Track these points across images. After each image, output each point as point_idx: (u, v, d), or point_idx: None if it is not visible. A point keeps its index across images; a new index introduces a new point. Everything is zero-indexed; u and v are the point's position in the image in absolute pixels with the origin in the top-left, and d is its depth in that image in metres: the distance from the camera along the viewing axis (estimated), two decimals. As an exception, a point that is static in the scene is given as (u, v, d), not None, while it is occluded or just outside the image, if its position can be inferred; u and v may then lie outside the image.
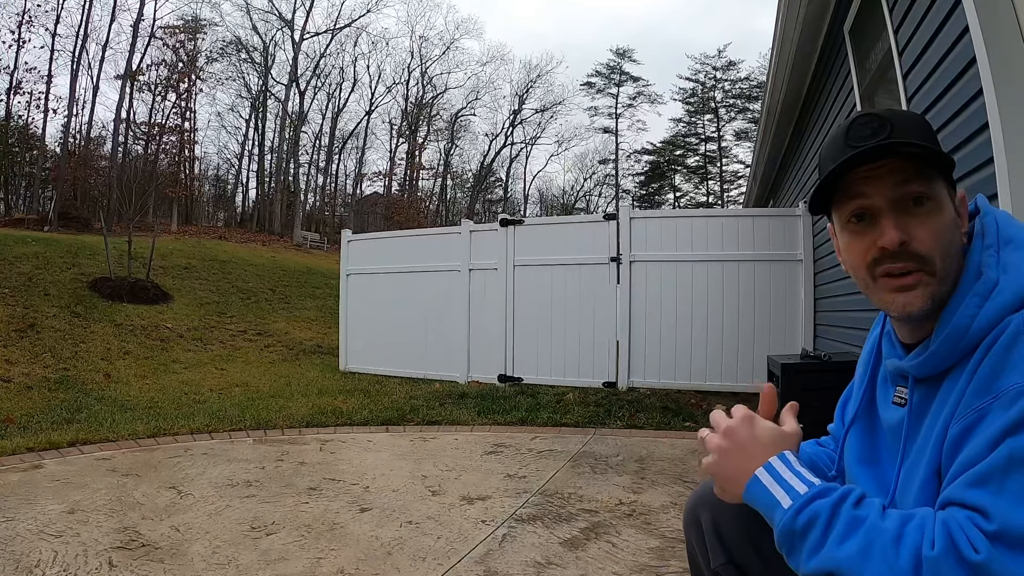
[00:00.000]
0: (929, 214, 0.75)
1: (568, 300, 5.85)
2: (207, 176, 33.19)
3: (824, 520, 0.69)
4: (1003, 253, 0.74)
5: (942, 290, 0.75)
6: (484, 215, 39.22)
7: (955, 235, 0.76)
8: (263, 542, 2.31)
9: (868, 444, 0.89)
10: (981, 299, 0.71)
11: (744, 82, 35.61)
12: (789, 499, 0.72)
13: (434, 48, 44.30)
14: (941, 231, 0.75)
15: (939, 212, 0.75)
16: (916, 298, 0.75)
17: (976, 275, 0.73)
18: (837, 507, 0.70)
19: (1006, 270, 0.72)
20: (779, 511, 0.73)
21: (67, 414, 4.59)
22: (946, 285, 0.75)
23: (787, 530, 0.72)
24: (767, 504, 0.75)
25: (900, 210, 0.75)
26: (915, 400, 0.79)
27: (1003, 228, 0.76)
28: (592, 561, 2.15)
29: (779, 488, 0.74)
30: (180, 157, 27.83)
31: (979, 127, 1.85)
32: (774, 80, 5.09)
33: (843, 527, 0.68)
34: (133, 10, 25.69)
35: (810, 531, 0.70)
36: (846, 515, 0.69)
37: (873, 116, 0.78)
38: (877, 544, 0.65)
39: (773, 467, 0.77)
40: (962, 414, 0.68)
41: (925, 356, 0.76)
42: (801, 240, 5.24)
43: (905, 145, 0.74)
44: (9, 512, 2.53)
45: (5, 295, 8.06)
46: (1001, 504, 0.61)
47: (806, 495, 0.72)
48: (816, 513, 0.70)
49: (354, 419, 4.67)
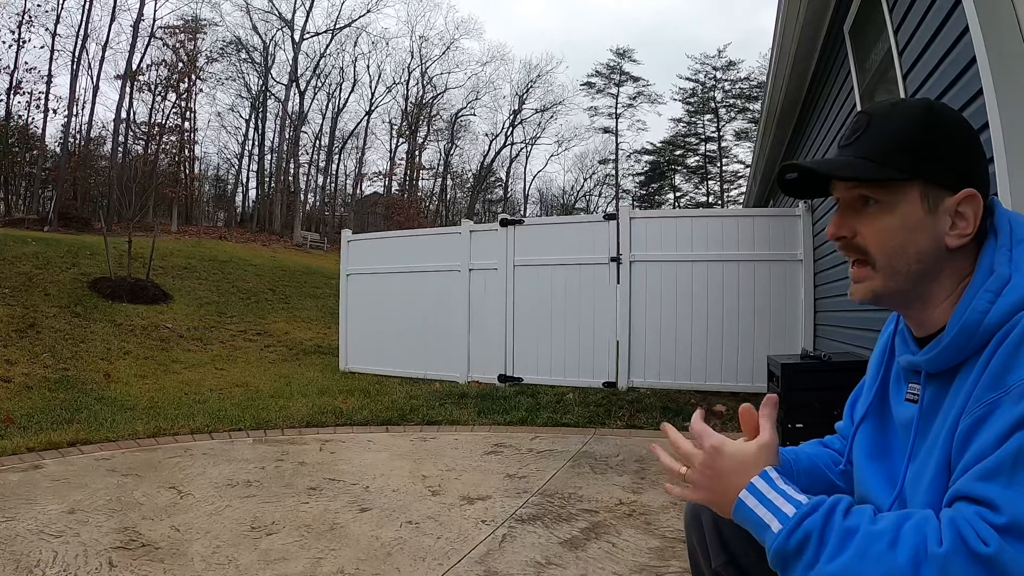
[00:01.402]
0: (876, 215, 0.79)
1: (568, 300, 5.85)
2: (207, 176, 33.18)
3: (816, 537, 0.69)
4: (1016, 252, 0.75)
5: (890, 286, 0.80)
6: (484, 215, 39.22)
7: (914, 237, 0.77)
8: (263, 542, 2.31)
9: (879, 440, 0.90)
10: (994, 295, 0.72)
11: (744, 82, 35.65)
12: (778, 522, 0.73)
13: (434, 48, 44.41)
14: (885, 231, 0.79)
15: (888, 213, 0.78)
16: (859, 289, 0.83)
17: (988, 272, 0.74)
18: (827, 522, 0.70)
19: (1019, 268, 0.73)
20: (769, 535, 0.73)
21: (67, 414, 4.59)
22: (896, 283, 0.79)
23: (780, 553, 0.72)
24: (756, 527, 0.76)
25: (851, 208, 0.82)
26: (927, 396, 0.79)
27: (1016, 228, 0.77)
28: (592, 561, 2.15)
29: (765, 510, 0.75)
30: (180, 157, 27.82)
31: (979, 127, 1.84)
32: (774, 80, 5.08)
33: (836, 540, 0.68)
34: (133, 10, 25.71)
35: (804, 551, 0.70)
36: (837, 528, 0.69)
37: (861, 115, 0.83)
38: (872, 550, 0.65)
39: (756, 488, 0.77)
40: (972, 408, 0.68)
41: (938, 351, 0.76)
42: (801, 240, 5.24)
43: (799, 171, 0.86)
44: (9, 512, 2.53)
45: (5, 295, 8.05)
46: (1011, 497, 0.61)
47: (795, 516, 0.72)
48: (808, 532, 0.70)
49: (354, 419, 4.67)
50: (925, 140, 0.78)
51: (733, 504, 0.78)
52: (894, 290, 0.80)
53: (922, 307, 0.80)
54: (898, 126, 0.79)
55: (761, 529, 0.75)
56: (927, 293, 0.79)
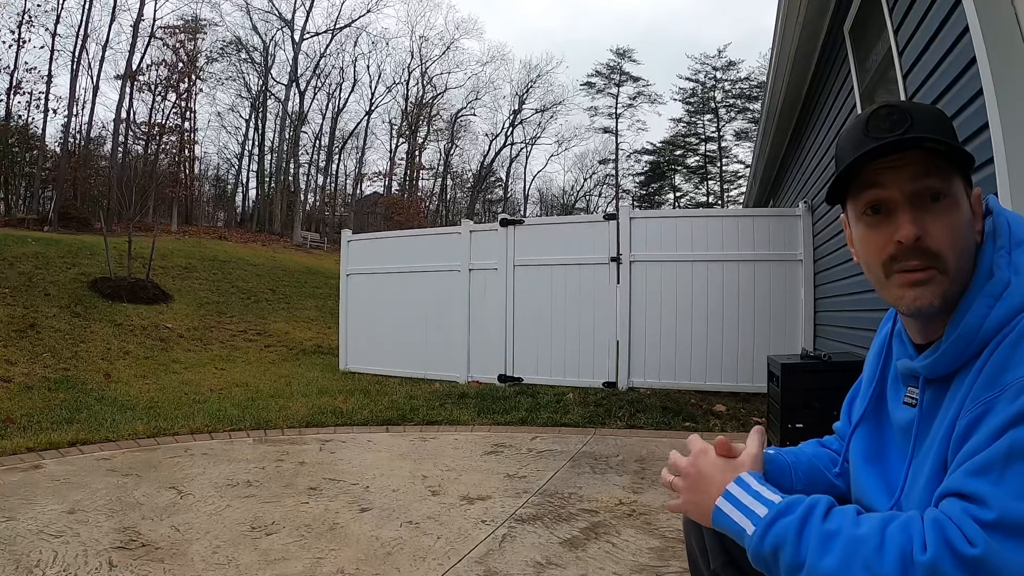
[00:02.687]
0: (946, 211, 0.74)
1: (568, 300, 5.85)
2: (207, 176, 33.21)
3: (792, 540, 0.68)
4: (1015, 254, 0.74)
5: (953, 289, 0.74)
6: (484, 215, 39.23)
7: (969, 234, 0.75)
8: (263, 542, 2.31)
9: (875, 442, 0.89)
10: (993, 300, 0.71)
11: (744, 82, 35.66)
12: (751, 524, 0.72)
13: (434, 48, 44.52)
14: (956, 229, 0.73)
15: (956, 210, 0.74)
16: (927, 293, 0.74)
17: (988, 276, 0.73)
18: (804, 523, 0.69)
19: (1018, 271, 0.72)
20: (746, 539, 0.72)
21: (67, 414, 4.59)
22: (957, 284, 0.74)
23: (757, 555, 0.71)
24: (735, 533, 0.75)
25: (917, 205, 0.74)
26: (926, 401, 0.78)
27: (1015, 230, 0.76)
28: (592, 561, 2.15)
29: (739, 514, 0.74)
30: (180, 157, 27.82)
31: (979, 127, 1.85)
32: (774, 80, 5.09)
33: (816, 543, 0.66)
34: (133, 10, 25.71)
35: (780, 553, 0.69)
36: (816, 531, 0.67)
37: (894, 108, 0.76)
38: (858, 555, 0.64)
39: (731, 493, 0.77)
40: (970, 407, 0.68)
41: (936, 356, 0.75)
42: (801, 240, 5.24)
43: (929, 140, 0.73)
44: (9, 512, 2.53)
45: (5, 295, 8.05)
46: (1000, 493, 0.60)
47: (767, 517, 0.71)
48: (782, 534, 0.69)
49: (354, 419, 4.67)
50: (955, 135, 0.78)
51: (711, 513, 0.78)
52: (955, 293, 0.74)
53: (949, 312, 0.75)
54: (937, 117, 0.77)
55: (739, 535, 0.74)
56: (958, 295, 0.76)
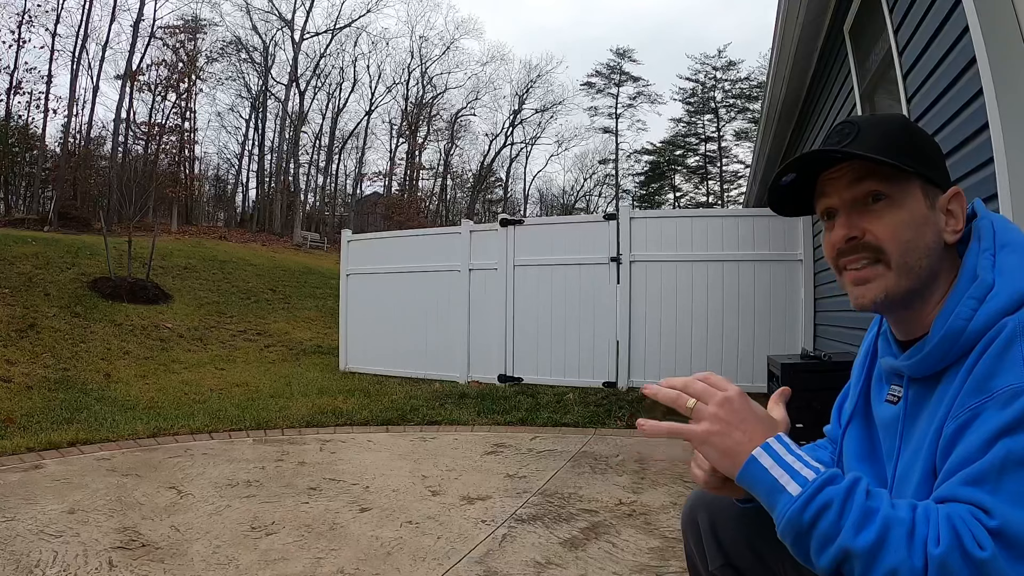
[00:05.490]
0: (887, 209, 0.78)
1: (568, 300, 5.85)
2: (207, 176, 33.16)
3: (836, 510, 0.65)
4: (999, 256, 0.74)
5: (903, 284, 0.77)
6: (484, 215, 39.21)
7: (923, 232, 0.77)
8: (263, 542, 2.31)
9: (866, 442, 0.89)
10: (977, 301, 0.72)
11: (744, 82, 35.61)
12: (796, 485, 0.68)
13: (434, 48, 44.44)
14: (898, 225, 0.77)
15: (898, 208, 0.77)
16: (869, 291, 0.79)
17: (972, 278, 0.74)
18: (849, 495, 0.66)
19: (1002, 273, 0.73)
20: (785, 498, 0.68)
21: (67, 414, 4.59)
22: (910, 280, 0.77)
23: (796, 519, 0.67)
24: (768, 487, 0.70)
25: (856, 208, 0.80)
26: (909, 398, 0.79)
27: (999, 232, 0.77)
28: (592, 561, 2.15)
29: (782, 471, 0.69)
30: (180, 157, 27.83)
31: (979, 127, 1.84)
32: (774, 80, 5.08)
33: (856, 517, 0.65)
34: (133, 10, 25.68)
35: (820, 520, 0.66)
36: (859, 505, 0.65)
37: (845, 123, 0.82)
38: (893, 535, 0.63)
39: (773, 448, 0.71)
40: (956, 413, 0.68)
41: (920, 357, 0.76)
42: (801, 240, 5.24)
43: (831, 152, 0.79)
44: (9, 512, 2.53)
45: (5, 295, 8.05)
46: (999, 503, 0.61)
47: (816, 481, 0.67)
48: (828, 501, 0.66)
49: (354, 419, 4.67)
50: (913, 143, 0.80)
51: (745, 459, 0.72)
52: (906, 289, 0.77)
53: (921, 307, 0.79)
54: (887, 131, 0.80)
55: (775, 492, 0.69)
56: (928, 292, 0.79)
